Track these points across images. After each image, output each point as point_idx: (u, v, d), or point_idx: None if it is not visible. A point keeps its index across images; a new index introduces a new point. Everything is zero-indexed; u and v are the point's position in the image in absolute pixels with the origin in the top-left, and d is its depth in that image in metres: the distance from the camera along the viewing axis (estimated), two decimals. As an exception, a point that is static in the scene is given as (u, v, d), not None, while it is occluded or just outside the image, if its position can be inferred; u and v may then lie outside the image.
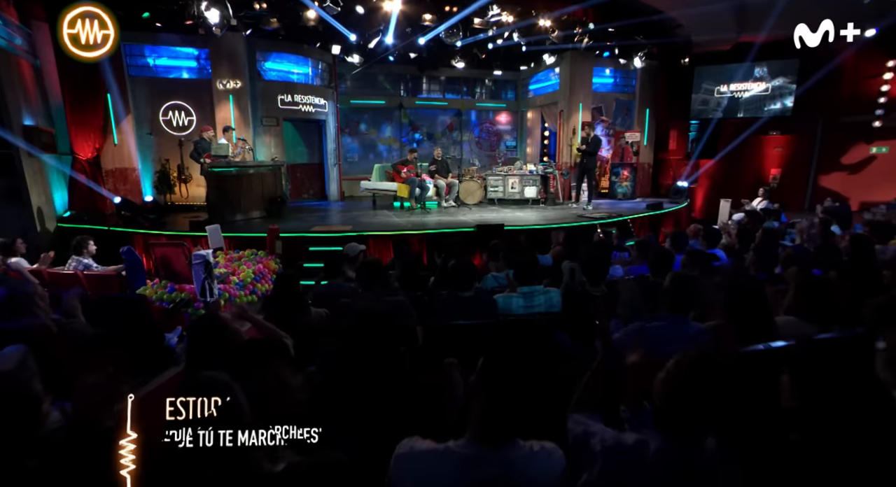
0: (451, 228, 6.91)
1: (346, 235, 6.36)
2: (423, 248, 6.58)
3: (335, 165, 11.25)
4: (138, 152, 8.74)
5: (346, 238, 6.28)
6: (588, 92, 11.07)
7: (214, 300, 4.27)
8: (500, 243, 4.69)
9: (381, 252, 6.45)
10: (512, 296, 3.07)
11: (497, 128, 13.82)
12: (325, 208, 9.61)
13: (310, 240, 6.28)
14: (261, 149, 9.58)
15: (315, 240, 6.31)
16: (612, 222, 7.90)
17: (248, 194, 7.78)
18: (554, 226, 7.26)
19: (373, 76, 11.94)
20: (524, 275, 3.12)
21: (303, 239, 6.28)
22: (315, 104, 10.30)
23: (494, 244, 4.69)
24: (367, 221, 7.68)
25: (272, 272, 5.49)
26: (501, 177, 10.10)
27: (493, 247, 4.63)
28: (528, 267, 3.14)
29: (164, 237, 6.64)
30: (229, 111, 8.88)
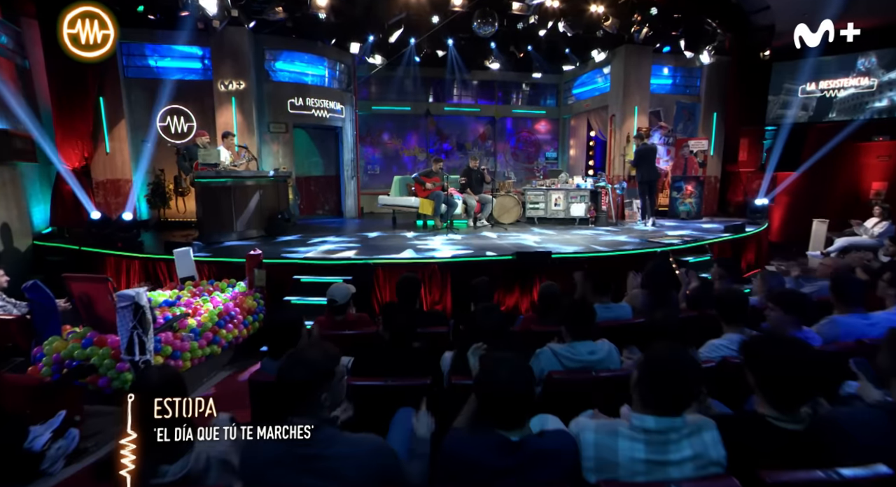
0: (481, 255, 5.52)
1: (342, 263, 5.07)
2: (445, 284, 5.22)
3: (353, 178, 10.13)
4: (133, 162, 7.87)
5: (342, 270, 5.00)
6: (645, 93, 9.56)
7: (146, 359, 3.03)
8: (551, 291, 3.26)
9: (391, 287, 5.13)
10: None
11: (535, 137, 12.45)
12: (337, 226, 8.43)
13: (300, 268, 5.04)
14: (267, 158, 8.57)
15: (308, 268, 5.06)
16: (684, 248, 6.31)
17: (243, 209, 6.68)
18: (615, 254, 5.75)
19: (397, 79, 10.87)
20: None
21: (291, 267, 5.04)
22: (330, 109, 9.25)
23: (548, 291, 3.25)
24: (379, 243, 6.40)
25: (247, 312, 4.24)
26: (543, 191, 8.67)
27: (546, 296, 3.21)
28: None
29: (137, 260, 5.57)
30: (231, 115, 7.91)
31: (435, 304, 5.33)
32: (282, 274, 5.06)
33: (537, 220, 8.75)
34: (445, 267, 5.30)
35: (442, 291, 5.32)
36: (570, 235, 7.17)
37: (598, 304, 3.25)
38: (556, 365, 2.20)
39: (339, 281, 4.93)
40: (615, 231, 7.71)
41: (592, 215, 8.59)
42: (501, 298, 5.47)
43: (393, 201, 8.22)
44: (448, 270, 5.31)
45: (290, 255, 5.34)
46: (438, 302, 5.34)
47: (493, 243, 6.42)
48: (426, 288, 5.28)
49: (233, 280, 4.81)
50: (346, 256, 5.20)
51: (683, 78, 10.22)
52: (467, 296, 5.19)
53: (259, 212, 6.92)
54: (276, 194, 7.32)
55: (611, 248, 5.92)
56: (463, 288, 5.33)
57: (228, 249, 5.84)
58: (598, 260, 5.63)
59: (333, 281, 4.88)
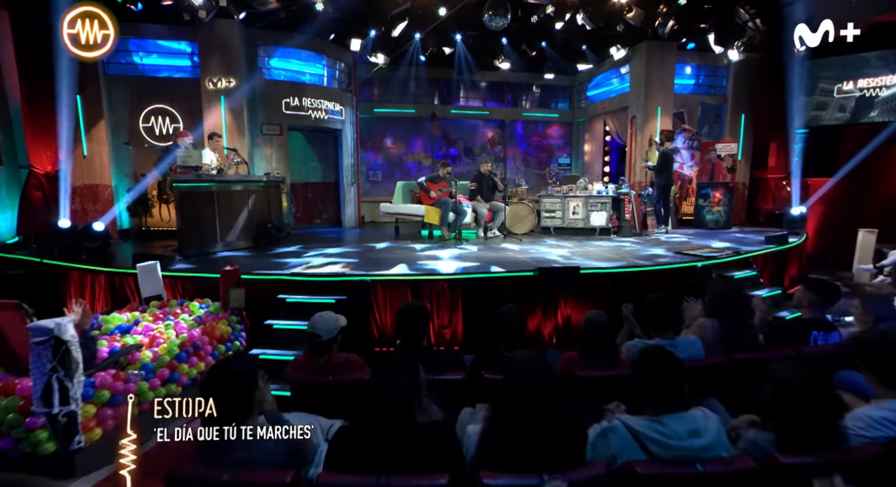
0: (497, 270, 4.78)
1: (335, 279, 4.36)
2: (456, 305, 4.49)
3: (353, 184, 9.46)
4: (113, 165, 7.23)
5: (336, 288, 4.28)
6: (668, 93, 8.88)
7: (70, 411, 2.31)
8: (600, 322, 2.52)
9: (392, 308, 4.41)
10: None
11: (547, 142, 11.78)
12: (335, 237, 7.74)
13: (286, 285, 4.33)
14: (259, 163, 7.92)
15: (296, 286, 4.34)
16: (726, 262, 5.55)
17: (229, 217, 6.00)
18: (652, 269, 5.01)
19: (400, 80, 10.25)
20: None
21: (275, 284, 4.33)
22: (329, 110, 8.62)
23: (596, 323, 2.52)
24: (380, 256, 5.69)
25: (218, 341, 3.52)
26: (560, 199, 7.96)
27: (595, 330, 2.48)
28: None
29: (102, 275, 4.88)
30: (220, 116, 7.28)
31: (443, 328, 4.60)
32: (265, 292, 4.35)
33: (553, 230, 8.04)
34: (456, 284, 4.57)
35: (452, 313, 4.58)
36: (592, 247, 6.44)
37: (662, 341, 2.52)
38: (635, 451, 1.46)
39: (331, 302, 4.23)
40: (642, 242, 6.96)
41: (615, 224, 7.87)
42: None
43: (396, 209, 7.53)
44: (459, 288, 4.58)
45: (276, 270, 4.63)
46: (447, 325, 4.60)
47: (508, 256, 5.69)
48: (433, 308, 4.56)
49: (206, 300, 4.10)
50: (340, 272, 4.49)
51: (707, 77, 9.54)
52: (484, 321, 4.51)
53: (248, 220, 6.25)
54: (268, 201, 6.66)
55: (646, 262, 5.16)
56: (476, 309, 4.60)
57: (211, 262, 5.14)
58: (633, 276, 4.89)
59: (324, 302, 4.18)
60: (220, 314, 3.77)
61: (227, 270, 3.90)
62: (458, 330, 4.62)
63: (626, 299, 4.95)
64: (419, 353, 2.32)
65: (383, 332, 4.50)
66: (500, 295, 4.66)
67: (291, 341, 3.88)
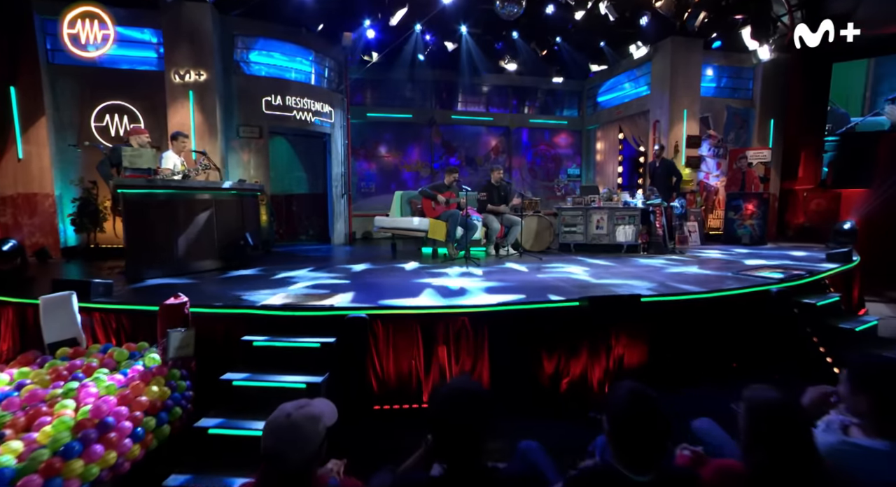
0: (532, 302, 3.72)
1: (320, 314, 3.26)
2: (480, 346, 3.43)
3: (343, 196, 8.40)
4: (57, 172, 6.09)
5: (321, 325, 3.17)
6: (695, 95, 8.07)
7: None
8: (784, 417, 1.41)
9: (397, 350, 3.33)
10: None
11: (555, 151, 10.89)
12: (323, 256, 6.63)
13: (253, 322, 3.22)
14: (235, 170, 6.84)
15: (267, 323, 3.23)
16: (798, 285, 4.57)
17: (192, 232, 4.89)
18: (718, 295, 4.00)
19: (396, 82, 9.33)
20: None
21: (239, 320, 3.22)
22: (316, 111, 7.61)
23: (780, 416, 1.39)
24: (377, 281, 4.60)
25: (145, 411, 2.38)
26: (581, 212, 6.99)
27: (778, 425, 1.36)
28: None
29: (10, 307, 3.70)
30: (188, 114, 6.22)
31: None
32: (225, 332, 3.23)
33: (574, 247, 7.04)
34: (480, 319, 3.51)
35: (475, 358, 3.50)
36: (629, 267, 5.43)
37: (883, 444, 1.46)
38: None
39: (314, 346, 3.11)
40: (680, 261, 5.99)
41: (644, 240, 6.90)
42: (563, 366, 3.67)
43: (394, 223, 6.47)
44: (484, 325, 3.51)
45: (245, 301, 3.50)
46: (469, 374, 3.51)
47: (533, 279, 4.64)
48: (449, 349, 3.49)
49: (144, 344, 2.96)
50: (326, 303, 3.39)
51: (731, 79, 8.77)
52: (516, 369, 3.47)
53: (216, 236, 5.13)
54: (241, 213, 5.56)
55: (704, 287, 4.14)
56: (507, 352, 3.54)
57: (164, 290, 4.00)
58: (696, 304, 3.88)
59: (306, 346, 3.07)
60: (157, 368, 2.64)
61: (169, 305, 2.78)
62: (482, 380, 3.54)
63: (690, 331, 4.00)
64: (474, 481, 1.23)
65: (385, 384, 3.40)
66: (539, 332, 3.62)
67: (258, 405, 2.75)
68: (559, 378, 3.68)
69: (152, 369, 2.59)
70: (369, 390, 3.35)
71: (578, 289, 4.08)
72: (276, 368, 2.99)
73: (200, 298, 3.60)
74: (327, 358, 3.05)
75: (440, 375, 3.50)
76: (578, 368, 3.73)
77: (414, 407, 3.45)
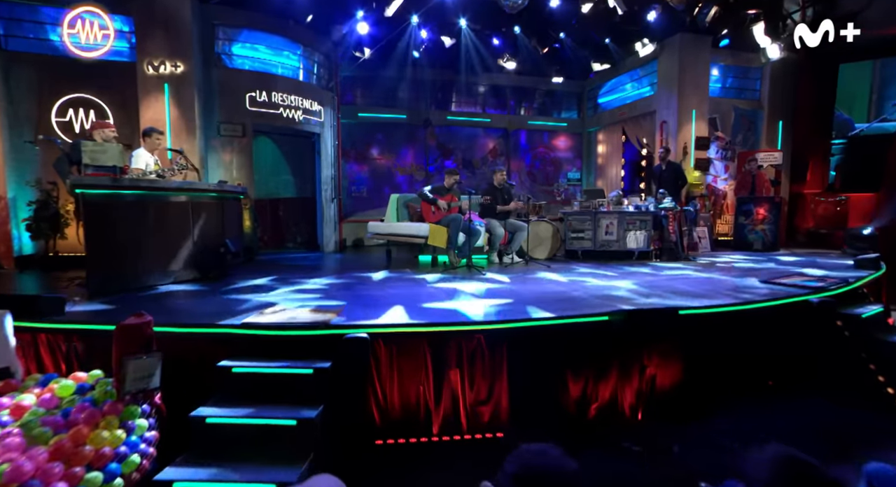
0: (555, 317, 3.29)
1: (311, 333, 2.79)
2: (498, 368, 3.01)
3: (333, 201, 7.93)
4: (11, 171, 5.52)
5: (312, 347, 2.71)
6: (703, 95, 7.82)
7: None
8: None
9: (403, 374, 2.89)
10: None
11: (555, 154, 10.58)
12: (312, 265, 6.15)
13: (232, 344, 2.74)
14: (215, 171, 6.35)
15: (248, 344, 2.75)
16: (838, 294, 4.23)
17: (165, 239, 4.38)
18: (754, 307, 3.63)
19: (390, 81, 8.93)
20: None
21: (215, 342, 2.74)
22: (305, 109, 7.16)
23: None
24: (374, 293, 4.14)
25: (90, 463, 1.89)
26: (589, 216, 6.63)
27: None
28: None
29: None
30: (163, 109, 5.72)
31: (480, 405, 3.07)
32: (198, 357, 2.74)
33: (581, 254, 6.67)
34: (498, 337, 3.08)
35: (493, 381, 3.07)
36: (646, 275, 5.06)
37: None
38: None
39: (307, 373, 2.63)
40: (699, 268, 5.65)
41: (657, 247, 6.56)
42: (591, 389, 3.25)
43: (390, 229, 6.02)
44: (503, 343, 3.08)
45: (223, 318, 3.01)
46: (486, 401, 3.08)
47: (548, 290, 4.23)
48: (463, 372, 3.05)
49: (97, 373, 2.47)
50: (320, 320, 2.92)
51: (738, 79, 8.57)
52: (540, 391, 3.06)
53: (193, 243, 4.63)
54: (221, 218, 5.07)
55: (737, 298, 3.77)
56: (528, 373, 3.12)
57: (130, 304, 3.49)
58: (730, 316, 3.51)
59: (297, 372, 2.60)
60: (110, 404, 2.14)
61: (128, 325, 2.30)
62: (501, 407, 3.11)
63: (725, 347, 3.62)
64: None
65: (388, 414, 2.94)
66: (563, 351, 3.21)
67: (238, 448, 2.27)
68: (587, 402, 3.27)
69: (103, 407, 2.10)
70: (370, 422, 2.89)
71: (602, 301, 3.67)
72: (260, 400, 2.51)
73: (171, 315, 3.11)
74: (322, 387, 2.58)
75: (452, 403, 3.05)
76: (608, 391, 3.32)
77: (422, 442, 3.00)
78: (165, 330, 2.73)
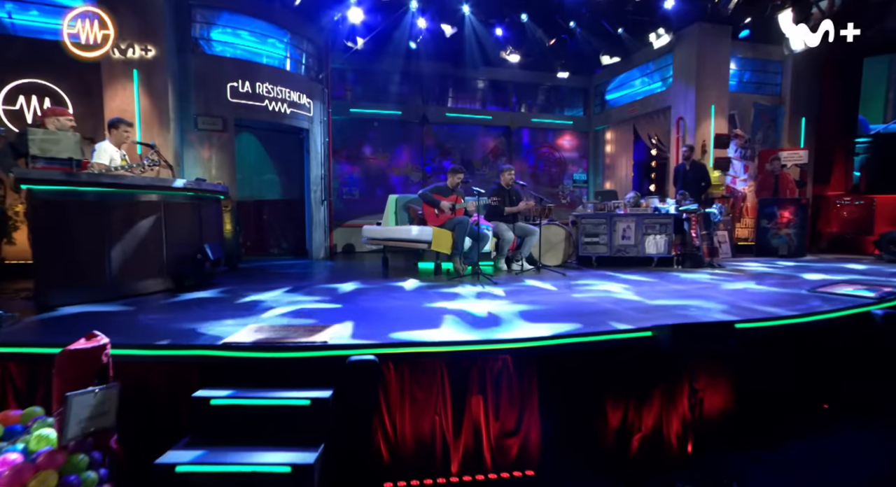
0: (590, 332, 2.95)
1: (309, 355, 2.41)
2: (528, 394, 2.66)
3: (323, 203, 7.55)
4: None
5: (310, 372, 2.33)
6: (723, 88, 7.62)
7: None
8: None
9: (417, 406, 2.52)
10: None
11: (559, 154, 10.32)
12: (301, 273, 5.75)
13: (211, 370, 2.35)
14: (192, 169, 5.94)
15: (229, 369, 2.36)
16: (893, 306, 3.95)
17: (131, 244, 3.97)
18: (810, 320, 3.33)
19: (384, 74, 8.62)
20: None
21: (189, 369, 2.34)
22: (292, 102, 6.79)
23: None
24: (375, 305, 3.76)
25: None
26: (604, 219, 6.34)
27: None
28: None
29: None
30: (132, 98, 5.32)
31: (506, 437, 2.71)
32: (169, 385, 2.34)
33: (596, 261, 6.37)
34: (527, 358, 2.72)
35: (522, 408, 2.71)
36: (674, 284, 4.76)
37: None
38: None
39: (303, 405, 2.25)
40: (728, 275, 5.36)
41: (678, 252, 6.28)
42: (632, 416, 2.91)
43: (387, 233, 5.66)
44: (533, 364, 2.73)
45: (201, 337, 2.62)
46: (513, 432, 2.72)
47: (569, 300, 3.89)
48: (487, 399, 2.69)
49: (34, 410, 2.05)
50: (316, 339, 2.54)
51: (757, 73, 8.40)
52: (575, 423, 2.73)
53: (165, 249, 4.22)
54: (198, 220, 4.68)
55: (788, 310, 3.46)
56: (561, 397, 2.78)
57: (80, 321, 3.07)
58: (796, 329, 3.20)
59: (291, 403, 2.22)
60: (46, 455, 1.73)
61: (74, 352, 1.90)
62: (531, 440, 2.74)
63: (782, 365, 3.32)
64: None
65: (397, 450, 2.56)
66: (601, 372, 2.86)
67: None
68: (628, 433, 2.92)
69: (35, 458, 1.69)
70: (377, 459, 2.51)
71: (638, 314, 3.34)
72: (245, 439, 2.13)
73: (135, 334, 2.70)
74: (322, 422, 2.20)
75: (474, 435, 2.68)
76: (651, 419, 2.97)
77: (440, 483, 2.62)
78: (127, 352, 2.33)
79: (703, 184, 6.87)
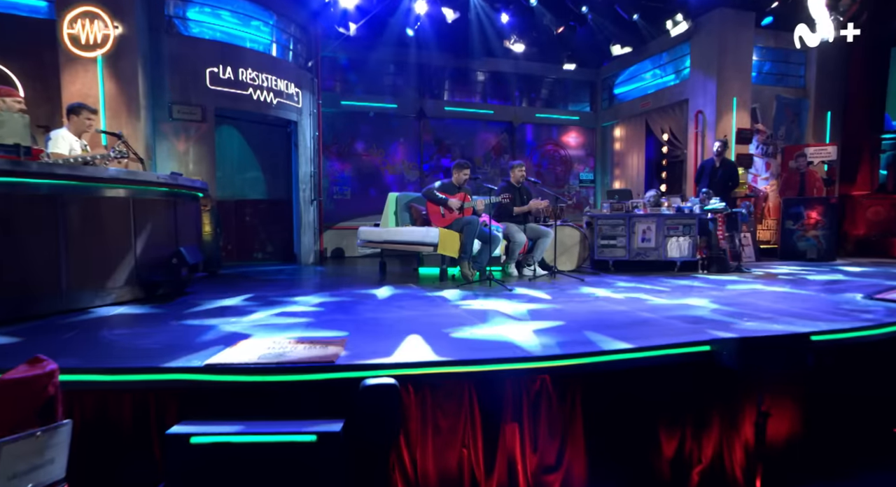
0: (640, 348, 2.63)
1: (309, 378, 2.05)
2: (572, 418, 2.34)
3: (313, 203, 7.18)
4: None
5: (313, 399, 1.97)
6: (746, 80, 7.44)
7: None
8: None
9: (441, 436, 2.18)
10: None
11: (565, 152, 10.08)
12: (288, 281, 5.38)
13: (191, 399, 1.98)
14: (165, 163, 5.56)
15: (211, 396, 2.00)
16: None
17: (92, 247, 3.58)
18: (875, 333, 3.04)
19: (378, 64, 8.32)
20: None
21: (164, 396, 1.97)
22: (280, 91, 6.44)
23: None
24: (380, 316, 3.41)
25: None
26: (622, 220, 6.08)
27: None
28: None
29: None
30: (95, 82, 4.93)
31: (547, 472, 2.37)
32: (135, 419, 1.96)
33: (613, 266, 6.10)
34: (570, 378, 2.39)
35: (564, 437, 2.38)
36: (713, 290, 4.47)
37: None
38: None
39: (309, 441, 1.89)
40: (764, 280, 5.11)
41: (703, 256, 6.02)
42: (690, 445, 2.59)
43: (387, 235, 5.30)
44: (577, 386, 2.40)
45: (176, 358, 2.24)
46: (555, 467, 2.38)
47: (600, 310, 3.58)
48: (523, 428, 2.35)
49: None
50: (317, 356, 2.18)
51: (779, 64, 8.24)
52: (628, 455, 2.43)
53: (134, 253, 3.83)
54: (174, 220, 4.30)
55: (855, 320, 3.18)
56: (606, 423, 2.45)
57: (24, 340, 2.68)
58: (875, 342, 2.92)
59: (292, 440, 1.85)
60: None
61: (11, 381, 1.52)
62: (573, 477, 2.40)
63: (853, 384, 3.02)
64: None
65: (419, 493, 2.20)
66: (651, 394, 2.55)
67: None
68: (686, 465, 2.60)
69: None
70: (396, 506, 2.15)
71: (685, 325, 3.03)
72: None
73: (94, 355, 2.32)
74: (332, 463, 1.84)
75: (509, 471, 2.34)
76: (710, 448, 2.66)
77: (467, 531, 2.27)
78: (84, 378, 1.95)
79: (731, 184, 6.65)
